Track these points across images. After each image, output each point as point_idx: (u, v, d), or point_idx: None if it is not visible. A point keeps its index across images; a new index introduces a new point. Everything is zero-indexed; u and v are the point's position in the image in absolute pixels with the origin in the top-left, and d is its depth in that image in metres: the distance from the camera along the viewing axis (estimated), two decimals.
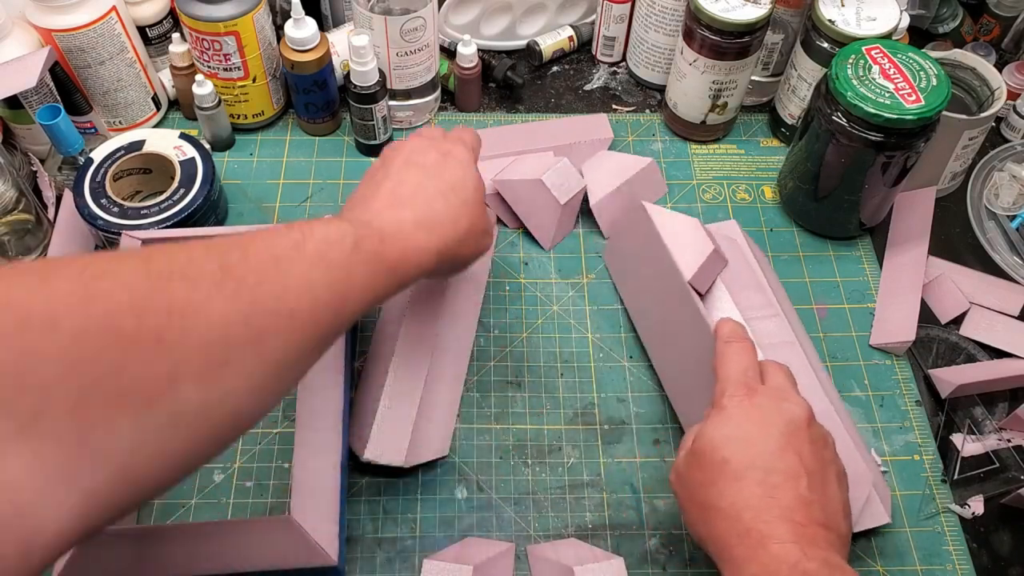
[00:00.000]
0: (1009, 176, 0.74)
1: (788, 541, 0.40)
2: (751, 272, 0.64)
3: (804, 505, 0.42)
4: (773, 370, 0.49)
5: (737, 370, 0.48)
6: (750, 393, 0.46)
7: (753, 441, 0.44)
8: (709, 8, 0.67)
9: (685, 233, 0.62)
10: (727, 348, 0.49)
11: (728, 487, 0.43)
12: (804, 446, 0.44)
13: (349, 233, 0.43)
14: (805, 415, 0.45)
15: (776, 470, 0.43)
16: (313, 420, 0.54)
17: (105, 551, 0.48)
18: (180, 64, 0.74)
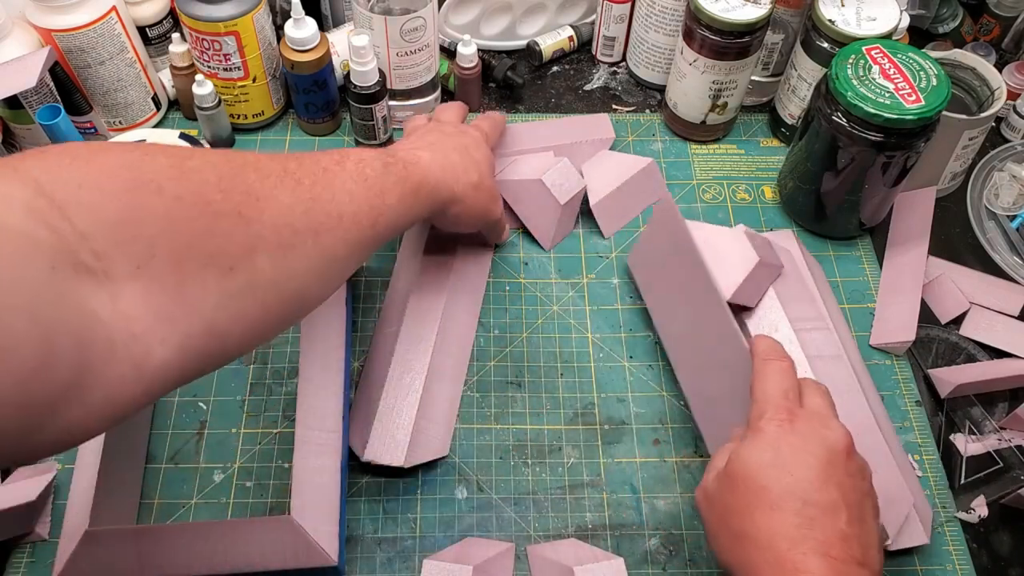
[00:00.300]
0: (1009, 176, 0.74)
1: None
2: (803, 283, 0.63)
3: (842, 540, 0.41)
4: (812, 391, 0.47)
5: (777, 391, 0.46)
6: (791, 417, 0.45)
7: (792, 469, 0.42)
8: (709, 8, 0.67)
9: (725, 244, 0.60)
10: (766, 366, 0.48)
11: (764, 516, 0.42)
12: (844, 478, 0.43)
13: (378, 156, 0.50)
14: (844, 443, 0.44)
15: (815, 502, 0.41)
16: (313, 420, 0.54)
17: (105, 551, 0.48)
18: (180, 64, 0.74)
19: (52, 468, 0.56)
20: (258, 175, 0.41)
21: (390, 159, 0.51)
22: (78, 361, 0.32)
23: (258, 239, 0.40)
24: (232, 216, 0.39)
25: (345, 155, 0.48)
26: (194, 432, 0.60)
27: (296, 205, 0.42)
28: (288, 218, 0.42)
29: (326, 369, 0.56)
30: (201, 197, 0.38)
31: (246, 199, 0.40)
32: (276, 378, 0.63)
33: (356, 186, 0.47)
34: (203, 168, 0.39)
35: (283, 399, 0.62)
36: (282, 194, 0.42)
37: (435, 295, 0.62)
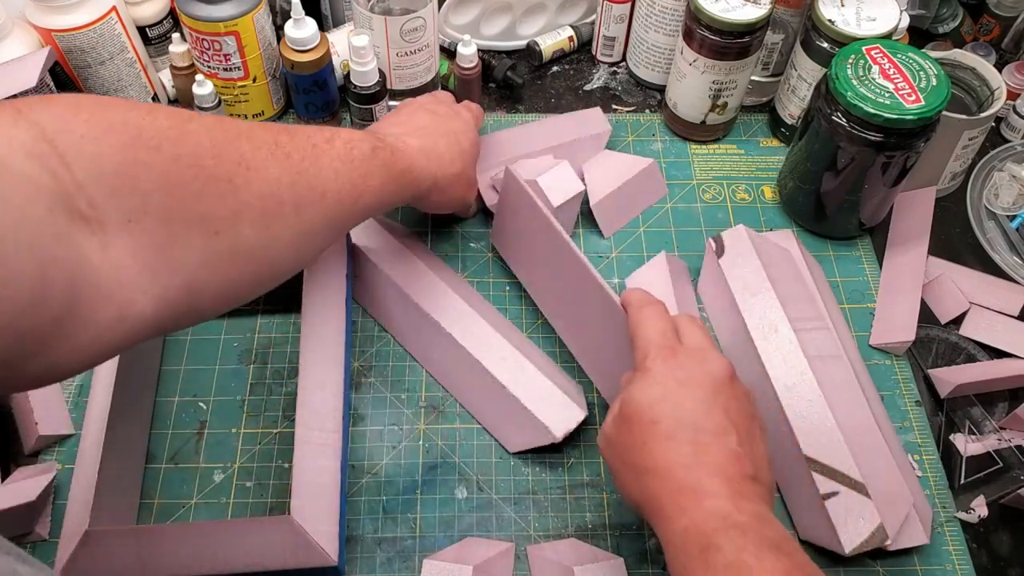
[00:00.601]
0: (1009, 176, 0.74)
1: (721, 496, 0.41)
2: (802, 283, 0.63)
3: (735, 459, 0.43)
4: (690, 329, 0.49)
5: (656, 333, 0.48)
6: (672, 353, 0.47)
7: (680, 401, 0.44)
8: (709, 8, 0.67)
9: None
10: (641, 312, 0.49)
11: (659, 447, 0.44)
12: (730, 403, 0.45)
13: (367, 140, 0.51)
14: (727, 372, 0.46)
15: (705, 428, 0.44)
16: (313, 420, 0.54)
17: (105, 551, 0.48)
18: (180, 64, 0.74)
19: (52, 468, 0.56)
20: (251, 145, 0.43)
21: (379, 143, 0.52)
22: (69, 300, 0.34)
23: (245, 206, 0.42)
24: (223, 182, 0.41)
25: (336, 134, 0.50)
26: (194, 432, 0.60)
27: (283, 177, 0.44)
28: (275, 189, 0.43)
29: (326, 369, 0.56)
30: (197, 160, 0.40)
31: (237, 167, 0.42)
32: (276, 378, 0.63)
33: (342, 165, 0.48)
34: (200, 132, 0.41)
35: (283, 399, 0.62)
36: (272, 166, 0.44)
37: (427, 284, 0.62)
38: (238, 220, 0.42)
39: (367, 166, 0.50)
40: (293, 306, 0.66)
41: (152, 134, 0.38)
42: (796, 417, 0.56)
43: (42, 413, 0.58)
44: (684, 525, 0.41)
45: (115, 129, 0.37)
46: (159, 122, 0.39)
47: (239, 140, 0.43)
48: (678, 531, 0.41)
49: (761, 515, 0.41)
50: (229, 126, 0.43)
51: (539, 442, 0.57)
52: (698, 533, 0.40)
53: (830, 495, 0.53)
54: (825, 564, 0.55)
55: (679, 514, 0.41)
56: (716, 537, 0.39)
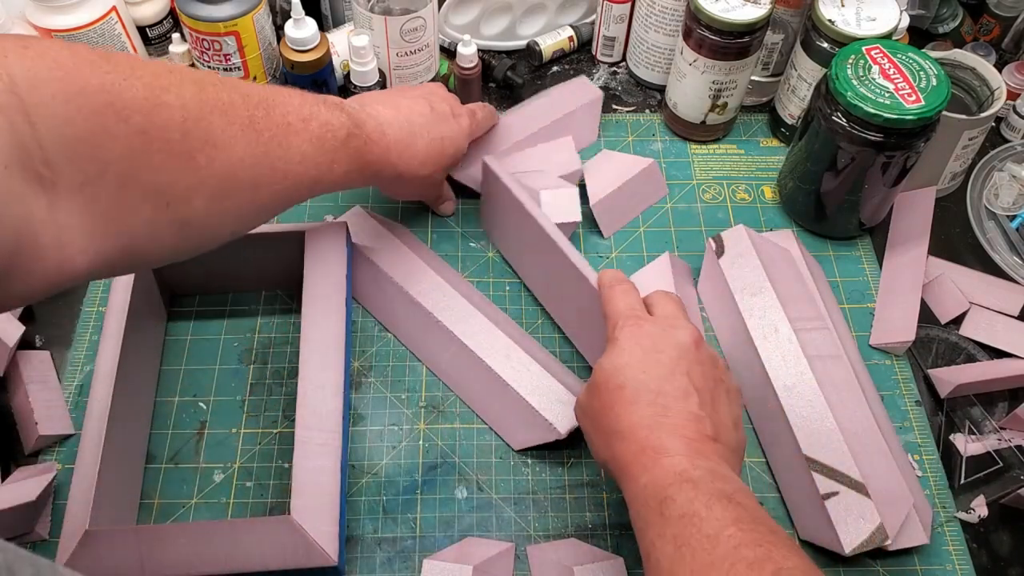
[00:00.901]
0: (1009, 176, 0.74)
1: (679, 454, 0.43)
2: (802, 283, 0.63)
3: (694, 421, 0.45)
4: (662, 301, 0.52)
5: (624, 306, 0.50)
6: (638, 323, 0.49)
7: (644, 366, 0.46)
8: (709, 8, 0.67)
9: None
10: (611, 291, 0.52)
11: (624, 410, 0.46)
12: (694, 367, 0.47)
13: (345, 125, 0.51)
14: (692, 338, 0.48)
15: (666, 391, 0.45)
16: (313, 420, 0.54)
17: (105, 551, 0.48)
18: (180, 64, 0.74)
19: (52, 468, 0.56)
20: (224, 120, 0.43)
21: (355, 130, 0.52)
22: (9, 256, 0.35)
23: (202, 183, 0.42)
24: (184, 158, 0.41)
25: (316, 114, 0.49)
26: (194, 432, 0.60)
27: (246, 158, 0.44)
28: (235, 169, 0.44)
29: (326, 369, 0.56)
30: (163, 134, 0.40)
31: (201, 146, 0.42)
32: (276, 378, 0.63)
33: (312, 149, 0.48)
34: (174, 105, 0.40)
35: (283, 399, 0.62)
36: (238, 145, 0.44)
37: (429, 283, 0.62)
38: (192, 195, 0.42)
39: (336, 152, 0.50)
40: (293, 306, 0.66)
41: (125, 103, 0.38)
42: (796, 417, 0.56)
43: (42, 413, 0.58)
44: (644, 482, 0.43)
45: (88, 92, 0.37)
46: (135, 91, 0.39)
47: (213, 115, 0.42)
48: (639, 488, 0.43)
49: (715, 471, 0.43)
50: (208, 97, 0.43)
51: (543, 439, 0.57)
52: (656, 487, 0.42)
53: (830, 495, 0.53)
54: (825, 564, 0.55)
55: (640, 472, 0.44)
56: (671, 491, 0.42)
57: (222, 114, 0.43)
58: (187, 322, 0.65)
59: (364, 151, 0.53)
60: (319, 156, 0.49)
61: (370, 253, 0.64)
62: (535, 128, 0.72)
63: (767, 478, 0.59)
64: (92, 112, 0.37)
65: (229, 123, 0.43)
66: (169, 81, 0.41)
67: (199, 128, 0.42)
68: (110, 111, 0.37)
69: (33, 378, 0.60)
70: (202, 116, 0.42)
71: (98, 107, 0.37)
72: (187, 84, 0.42)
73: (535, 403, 0.57)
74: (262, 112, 0.46)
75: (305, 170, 0.48)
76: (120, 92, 0.38)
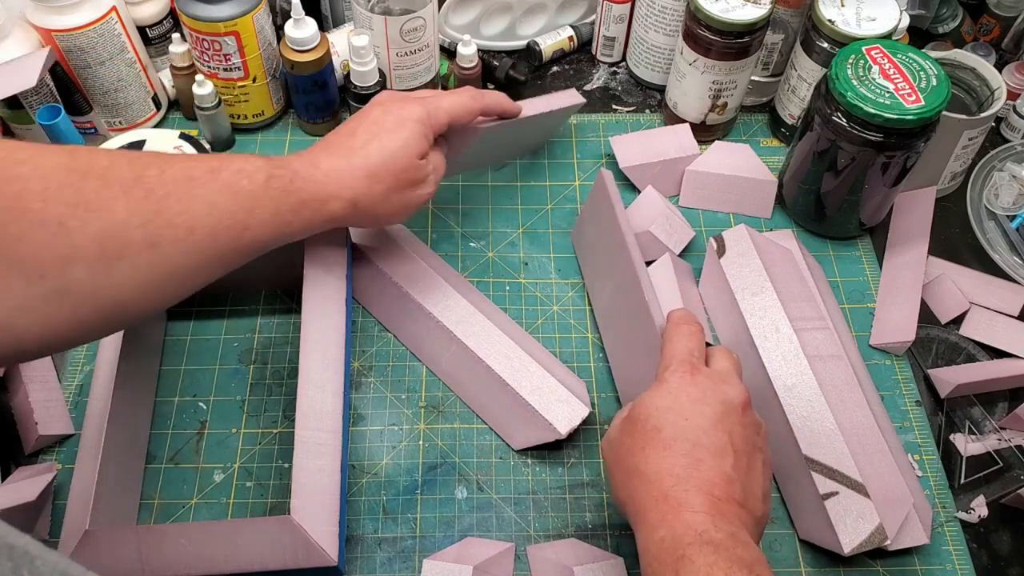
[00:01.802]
0: (1009, 176, 0.74)
1: (701, 512, 0.42)
2: (803, 283, 0.63)
3: (725, 481, 0.43)
4: (720, 356, 0.50)
5: (683, 349, 0.49)
6: (692, 371, 0.47)
7: (686, 415, 0.45)
8: (709, 8, 0.67)
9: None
10: (676, 329, 0.50)
11: (655, 454, 0.44)
12: (736, 428, 0.45)
13: (262, 168, 0.48)
14: (741, 399, 0.47)
15: (704, 445, 0.44)
16: (313, 420, 0.54)
17: (105, 551, 0.48)
18: (180, 64, 0.74)
19: (52, 468, 0.56)
20: (101, 184, 0.41)
21: (278, 171, 0.48)
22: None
23: (78, 250, 0.40)
24: (51, 225, 0.39)
25: (227, 164, 0.47)
26: (194, 432, 0.60)
27: (132, 218, 0.42)
28: (119, 230, 0.41)
29: (326, 369, 0.56)
30: (19, 203, 0.38)
31: (71, 210, 0.40)
32: (276, 378, 0.63)
33: (221, 198, 0.45)
34: (31, 177, 0.39)
35: (283, 399, 0.62)
36: (120, 204, 0.41)
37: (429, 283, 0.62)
38: (69, 263, 0.40)
39: (255, 198, 0.47)
40: (293, 306, 0.66)
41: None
42: (796, 417, 0.56)
43: (42, 413, 0.58)
44: (662, 535, 0.42)
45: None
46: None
47: (85, 180, 0.41)
48: (655, 539, 0.42)
49: (737, 536, 0.41)
50: (79, 164, 0.41)
51: (543, 439, 0.57)
52: (674, 543, 0.41)
53: (830, 495, 0.53)
54: (825, 564, 0.55)
55: (659, 522, 0.42)
56: (690, 550, 0.40)
57: (98, 178, 0.41)
58: (187, 322, 0.65)
59: (291, 190, 0.49)
60: (233, 204, 0.46)
61: (370, 253, 0.64)
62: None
63: None
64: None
65: (107, 185, 0.41)
66: (28, 155, 0.40)
67: (65, 193, 0.40)
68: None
69: (33, 378, 0.60)
70: (69, 182, 0.40)
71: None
72: (52, 155, 0.41)
73: (535, 403, 0.57)
74: (155, 171, 0.44)
75: (216, 220, 0.45)
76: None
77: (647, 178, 0.72)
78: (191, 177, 0.45)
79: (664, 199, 0.69)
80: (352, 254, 0.64)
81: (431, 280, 0.62)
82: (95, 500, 0.50)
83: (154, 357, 0.63)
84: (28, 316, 0.39)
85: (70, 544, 0.49)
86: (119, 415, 0.54)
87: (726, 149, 0.73)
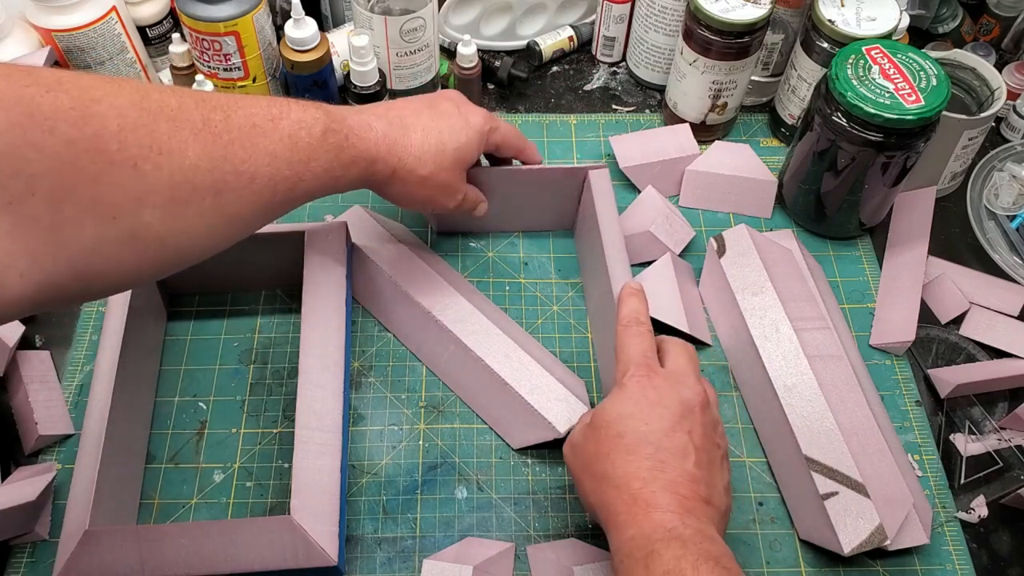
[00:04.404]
0: (1009, 176, 0.74)
1: (670, 511, 0.43)
2: (803, 283, 0.63)
3: (690, 480, 0.45)
4: (675, 351, 0.51)
5: (637, 353, 0.50)
6: (649, 374, 0.49)
7: (647, 418, 0.47)
8: (709, 8, 0.67)
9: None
10: (626, 332, 0.52)
11: (621, 459, 0.46)
12: (695, 427, 0.47)
13: (320, 121, 0.48)
14: (699, 399, 0.48)
15: (665, 447, 0.46)
16: (313, 420, 0.54)
17: (105, 551, 0.48)
18: (180, 64, 0.74)
19: (52, 468, 0.56)
20: (171, 126, 0.40)
21: (334, 125, 0.49)
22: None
23: (150, 193, 0.39)
24: (126, 167, 0.38)
25: (286, 112, 0.46)
26: (194, 432, 0.60)
27: (202, 162, 0.41)
28: (189, 175, 0.41)
29: (326, 369, 0.56)
30: (96, 143, 0.37)
31: (146, 152, 0.39)
32: (276, 378, 0.63)
33: (282, 148, 0.45)
34: (107, 114, 0.38)
35: (283, 399, 0.62)
36: (191, 149, 0.41)
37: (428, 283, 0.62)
38: (141, 206, 0.39)
39: (312, 150, 0.47)
40: (293, 306, 0.66)
41: (48, 114, 0.36)
42: (796, 417, 0.56)
43: (42, 413, 0.58)
44: (632, 534, 0.43)
45: (3, 105, 0.35)
46: (59, 101, 0.36)
47: (157, 122, 0.40)
48: (626, 538, 0.43)
49: (704, 532, 0.43)
50: (152, 104, 0.40)
51: (542, 438, 0.57)
52: (644, 540, 0.42)
53: (829, 495, 0.53)
54: (825, 564, 0.55)
55: (629, 523, 0.44)
56: (659, 546, 0.42)
57: (169, 120, 0.40)
58: (187, 322, 0.65)
59: (346, 146, 0.49)
60: (291, 155, 0.46)
61: (370, 253, 0.64)
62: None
63: (767, 478, 0.59)
64: (11, 125, 0.34)
65: (177, 128, 0.41)
66: (103, 92, 0.38)
67: (139, 135, 0.39)
68: (31, 123, 0.35)
69: (33, 378, 0.60)
70: (143, 123, 0.39)
71: (17, 119, 0.35)
72: (124, 93, 0.39)
73: (534, 402, 0.57)
74: (220, 115, 0.43)
75: (276, 171, 0.45)
76: (40, 103, 0.36)
77: (647, 178, 0.72)
78: (254, 124, 0.44)
79: (664, 199, 0.69)
80: (352, 254, 0.64)
81: (431, 280, 0.62)
82: (95, 500, 0.50)
83: (154, 357, 0.63)
84: (98, 258, 0.38)
85: (70, 544, 0.49)
86: (119, 415, 0.54)
87: (726, 149, 0.73)
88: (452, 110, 0.56)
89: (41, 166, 0.35)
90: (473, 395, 0.61)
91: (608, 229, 0.61)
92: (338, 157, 0.49)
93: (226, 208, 0.43)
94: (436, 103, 0.56)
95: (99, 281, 0.40)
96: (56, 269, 0.37)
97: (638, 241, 0.67)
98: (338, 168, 0.49)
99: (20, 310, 0.37)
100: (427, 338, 0.62)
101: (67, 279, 0.38)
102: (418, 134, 0.54)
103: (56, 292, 0.38)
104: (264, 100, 0.46)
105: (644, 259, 0.68)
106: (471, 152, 0.57)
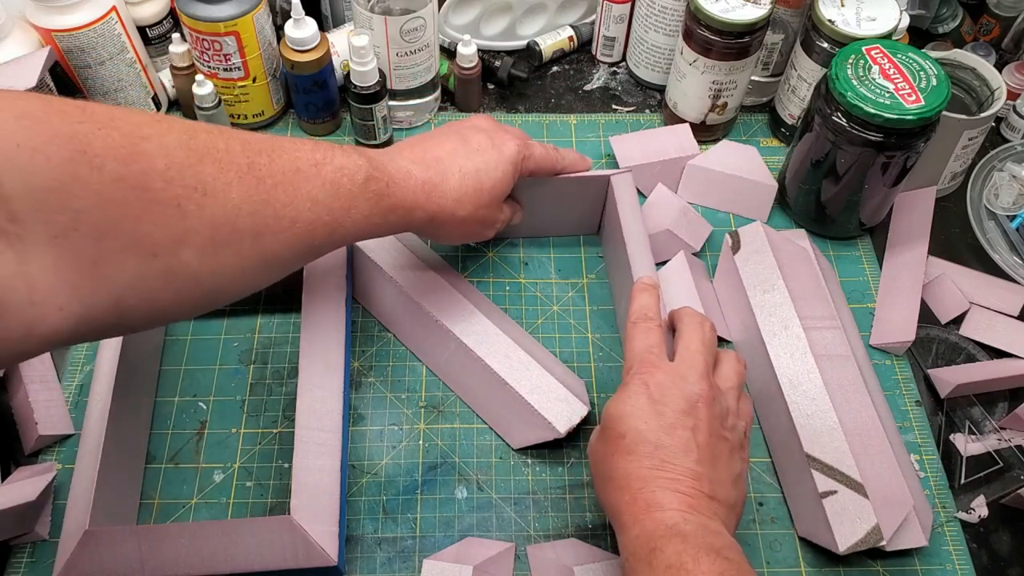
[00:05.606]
0: (1009, 176, 0.74)
1: (671, 509, 0.44)
2: (816, 282, 0.63)
3: (692, 477, 0.45)
4: (688, 335, 0.51)
5: (642, 348, 0.50)
6: (652, 371, 0.48)
7: (646, 417, 0.46)
8: (709, 8, 0.67)
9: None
10: (634, 328, 0.52)
11: (622, 459, 0.46)
12: (699, 422, 0.46)
13: (363, 168, 0.48)
14: (703, 393, 0.47)
15: (665, 445, 0.46)
16: (313, 420, 0.54)
17: (105, 551, 0.48)
18: (180, 64, 0.74)
19: (52, 468, 0.56)
20: (216, 168, 0.41)
21: (376, 173, 0.49)
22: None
23: (191, 233, 0.40)
24: (169, 206, 0.39)
25: (329, 158, 0.47)
26: (194, 432, 0.60)
27: (244, 205, 0.42)
28: (230, 217, 0.41)
29: (326, 369, 0.56)
30: (142, 182, 0.38)
31: (190, 193, 0.39)
32: (276, 378, 0.63)
33: (323, 194, 0.46)
34: (155, 153, 0.38)
35: (283, 399, 0.62)
36: (234, 192, 0.41)
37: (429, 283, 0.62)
38: (181, 246, 0.39)
39: (353, 197, 0.47)
40: (293, 306, 0.66)
41: (98, 151, 0.36)
42: (799, 414, 0.56)
43: (42, 413, 0.58)
44: (636, 533, 0.44)
45: (57, 142, 0.35)
46: (110, 139, 0.37)
47: (202, 163, 0.40)
48: (631, 538, 0.44)
49: (708, 526, 0.43)
50: (199, 145, 0.41)
51: (542, 438, 0.57)
52: (647, 538, 0.43)
53: (828, 493, 0.53)
54: (825, 564, 0.55)
55: (633, 523, 0.44)
56: (660, 542, 0.42)
57: (215, 161, 0.41)
58: (187, 322, 0.65)
59: (386, 194, 0.49)
60: (333, 201, 0.46)
61: (370, 253, 0.64)
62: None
63: (768, 478, 0.59)
64: (62, 161, 0.35)
65: (222, 170, 0.41)
66: (153, 130, 0.39)
67: (186, 175, 0.39)
68: (82, 159, 0.35)
69: (33, 378, 0.60)
70: (189, 164, 0.39)
71: (69, 156, 0.35)
72: (173, 133, 0.40)
73: (534, 402, 0.57)
74: (265, 159, 0.43)
75: (316, 216, 0.45)
76: (92, 141, 0.36)
77: (647, 178, 0.72)
78: (297, 169, 0.45)
79: (679, 197, 0.69)
80: (352, 254, 0.64)
81: (431, 280, 0.62)
82: (95, 500, 0.50)
83: (154, 357, 0.63)
84: (136, 294, 0.39)
85: (70, 544, 0.49)
86: (119, 415, 0.54)
87: (731, 148, 0.73)
88: (486, 144, 0.55)
89: (87, 202, 0.36)
90: (473, 395, 0.61)
91: (633, 232, 0.61)
92: (378, 204, 0.49)
93: (264, 251, 0.44)
94: (469, 138, 0.56)
95: (134, 317, 0.40)
96: (95, 303, 0.37)
97: (658, 240, 0.67)
98: (377, 216, 0.49)
99: (57, 343, 0.37)
100: (427, 338, 0.62)
101: (104, 314, 0.38)
102: (456, 178, 0.53)
103: (93, 326, 0.38)
104: (308, 144, 0.47)
105: (665, 258, 0.68)
106: (507, 185, 0.56)
